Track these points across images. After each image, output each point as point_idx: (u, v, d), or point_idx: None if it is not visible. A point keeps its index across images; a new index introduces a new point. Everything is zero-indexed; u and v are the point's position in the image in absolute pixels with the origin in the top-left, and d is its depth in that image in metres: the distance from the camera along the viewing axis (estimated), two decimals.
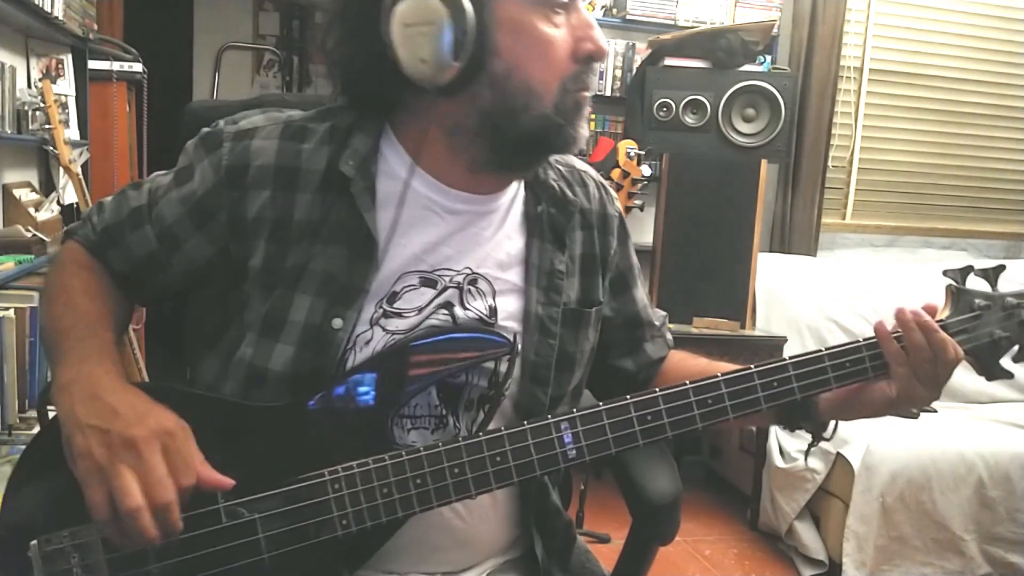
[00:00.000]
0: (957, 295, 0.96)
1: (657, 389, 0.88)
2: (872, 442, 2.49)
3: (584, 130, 0.92)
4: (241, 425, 0.86)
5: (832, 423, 0.97)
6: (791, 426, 0.98)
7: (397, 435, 0.89)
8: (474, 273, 0.94)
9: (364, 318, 0.89)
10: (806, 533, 2.62)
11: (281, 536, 0.81)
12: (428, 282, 0.92)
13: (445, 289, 0.92)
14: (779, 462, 2.75)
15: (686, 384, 0.89)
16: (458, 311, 0.92)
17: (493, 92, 0.87)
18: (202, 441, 0.81)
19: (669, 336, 1.16)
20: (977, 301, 0.95)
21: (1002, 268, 0.97)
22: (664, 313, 1.17)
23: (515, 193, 0.99)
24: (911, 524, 2.46)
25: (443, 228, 0.93)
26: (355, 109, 0.95)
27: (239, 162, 0.91)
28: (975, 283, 0.96)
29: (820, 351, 0.92)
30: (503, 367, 0.91)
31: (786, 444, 2.78)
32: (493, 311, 0.94)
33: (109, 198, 1.01)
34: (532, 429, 0.85)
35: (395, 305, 0.90)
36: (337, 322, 0.87)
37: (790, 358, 0.91)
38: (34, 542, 0.78)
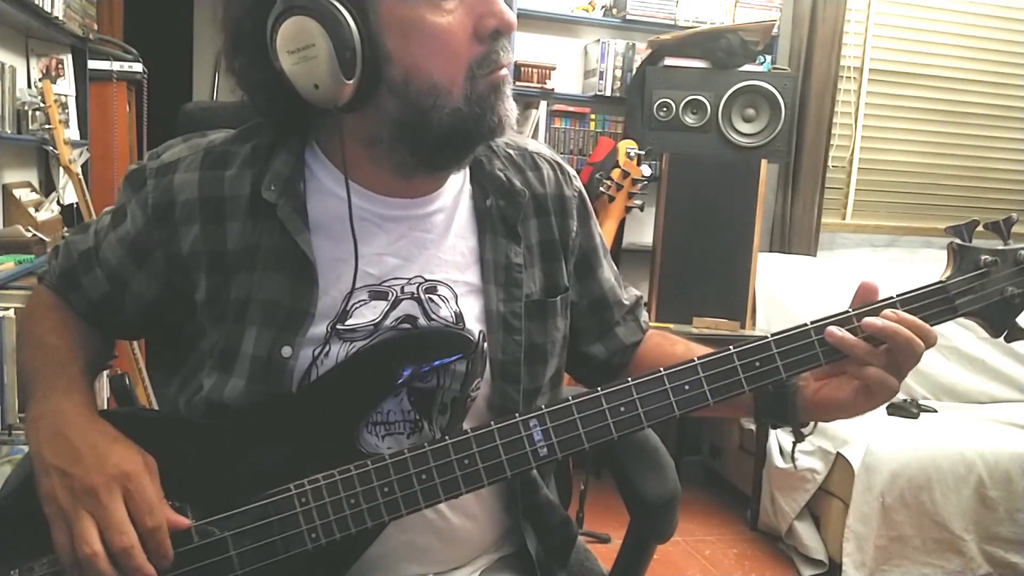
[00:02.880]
0: (960, 253, 0.88)
1: (630, 379, 0.84)
2: (872, 442, 2.49)
3: (507, 111, 0.86)
4: (210, 445, 0.87)
5: (812, 423, 0.91)
6: (769, 417, 0.92)
7: (372, 442, 0.88)
8: (428, 280, 0.91)
9: (316, 339, 0.87)
10: (806, 533, 2.62)
11: (252, 553, 0.81)
12: (378, 295, 0.90)
13: (399, 301, 0.90)
14: (779, 462, 2.75)
15: (660, 371, 0.84)
16: (422, 323, 0.90)
17: (397, 99, 0.83)
18: (172, 465, 0.82)
19: (644, 317, 1.12)
20: (984, 258, 0.86)
21: (1013, 220, 0.88)
22: (638, 293, 1.13)
23: (460, 190, 0.96)
24: (911, 524, 2.46)
25: (383, 238, 0.91)
26: (274, 128, 0.92)
27: (164, 199, 0.90)
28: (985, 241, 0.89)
29: (805, 325, 0.85)
30: (461, 367, 0.90)
31: (786, 444, 2.78)
32: (459, 316, 0.92)
33: (62, 242, 1.02)
34: (499, 429, 0.82)
35: (347, 323, 0.88)
36: (286, 351, 0.86)
37: (772, 335, 0.85)
38: (14, 571, 0.80)
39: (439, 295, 0.92)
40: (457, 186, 0.96)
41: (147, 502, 0.78)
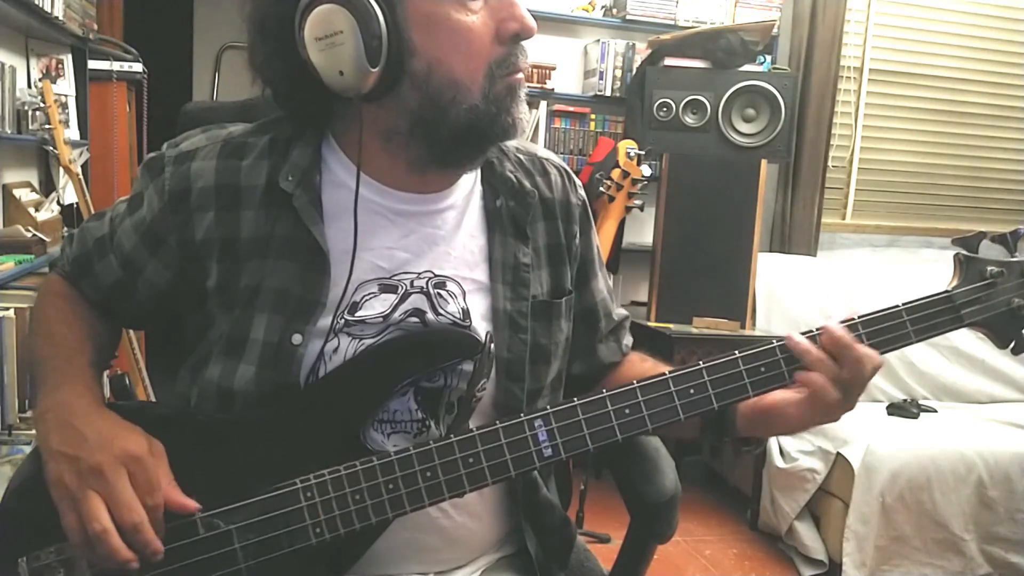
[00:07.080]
0: (966, 264, 0.89)
1: (635, 381, 0.85)
2: (872, 442, 2.49)
3: (521, 114, 0.89)
4: (216, 439, 0.87)
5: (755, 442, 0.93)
6: (712, 437, 0.93)
7: (378, 440, 0.89)
8: (438, 276, 0.93)
9: (326, 330, 0.88)
10: (806, 533, 2.62)
11: (256, 546, 0.82)
12: (388, 288, 0.91)
13: (408, 294, 0.91)
14: (779, 462, 2.75)
15: (665, 375, 0.85)
16: (430, 317, 0.91)
17: (418, 92, 0.85)
18: (178, 458, 0.83)
19: (628, 340, 1.12)
20: (989, 269, 0.88)
21: (1020, 233, 0.90)
22: (625, 313, 1.13)
23: (471, 189, 0.98)
24: (911, 524, 2.46)
25: (394, 232, 0.92)
26: (293, 121, 0.94)
27: (180, 186, 0.92)
28: (990, 252, 0.90)
29: (811, 331, 0.85)
30: (468, 367, 0.90)
31: (786, 444, 2.78)
32: (466, 313, 0.93)
33: (77, 230, 1.03)
34: (504, 428, 0.83)
35: (357, 314, 0.89)
36: (296, 338, 0.87)
37: (776, 340, 0.85)
38: (23, 559, 0.81)
39: (447, 291, 0.93)
40: (468, 186, 0.98)
41: (149, 482, 0.79)
